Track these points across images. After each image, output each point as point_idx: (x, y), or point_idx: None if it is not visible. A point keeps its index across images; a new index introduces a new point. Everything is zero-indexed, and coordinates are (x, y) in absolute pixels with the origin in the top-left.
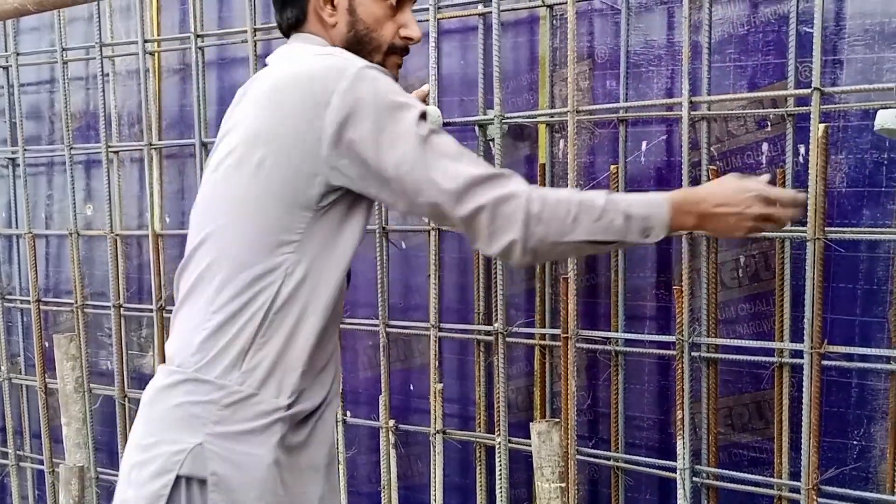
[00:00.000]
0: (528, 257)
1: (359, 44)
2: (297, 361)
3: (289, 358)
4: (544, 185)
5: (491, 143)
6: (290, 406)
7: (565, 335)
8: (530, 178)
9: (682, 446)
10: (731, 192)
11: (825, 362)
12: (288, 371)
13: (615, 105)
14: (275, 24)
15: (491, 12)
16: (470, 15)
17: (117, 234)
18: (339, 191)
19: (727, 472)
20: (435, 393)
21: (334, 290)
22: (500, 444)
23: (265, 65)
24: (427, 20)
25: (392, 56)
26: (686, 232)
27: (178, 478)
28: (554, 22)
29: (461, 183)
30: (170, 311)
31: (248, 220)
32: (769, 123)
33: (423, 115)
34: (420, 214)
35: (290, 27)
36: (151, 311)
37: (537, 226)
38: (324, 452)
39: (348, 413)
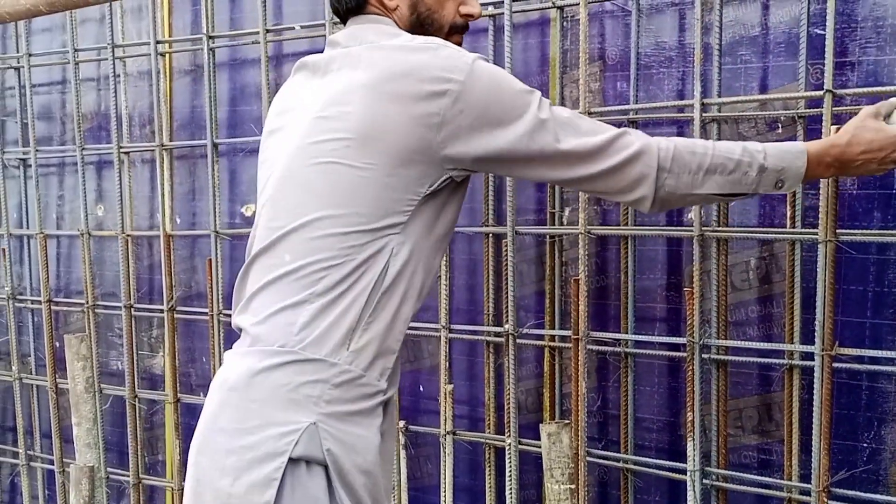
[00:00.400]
0: (657, 207)
1: (421, 26)
2: (395, 344)
3: (389, 340)
4: (553, 187)
5: None
6: (386, 390)
7: (575, 336)
8: None
9: (692, 448)
10: (875, 139)
11: (836, 364)
12: (388, 354)
13: (626, 107)
14: (286, 26)
15: (502, 13)
16: (481, 16)
17: (128, 235)
18: (448, 178)
19: (737, 473)
20: (445, 394)
21: (430, 275)
22: (509, 445)
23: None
24: None
25: (454, 36)
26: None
27: (289, 460)
28: (564, 24)
29: (589, 150)
30: (180, 312)
31: (357, 209)
32: (780, 125)
33: (541, 98)
34: (553, 182)
35: (349, 11)
36: (162, 311)
37: (667, 179)
38: (393, 446)
39: None
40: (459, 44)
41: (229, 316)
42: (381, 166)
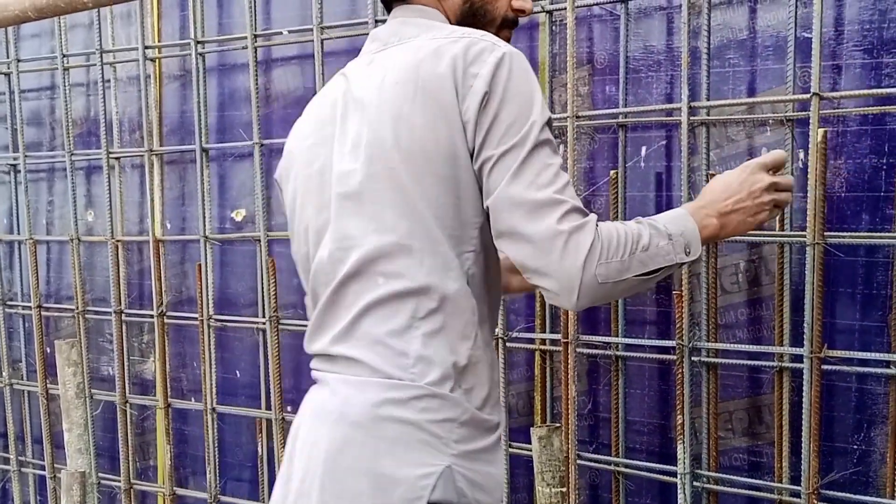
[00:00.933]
0: (585, 300)
1: (473, 16)
2: (496, 374)
3: (493, 371)
4: None
5: None
6: (499, 423)
7: (566, 340)
8: None
9: (682, 451)
10: (731, 177)
11: (825, 367)
12: (495, 385)
13: (615, 110)
14: (275, 31)
15: None
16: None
17: (118, 240)
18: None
19: (727, 476)
20: None
21: (498, 295)
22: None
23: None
24: None
25: (504, 30)
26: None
27: None
28: (553, 28)
29: (544, 200)
30: (170, 317)
31: (423, 227)
32: (768, 128)
33: (549, 122)
34: (493, 221)
35: None
36: (152, 316)
37: (599, 268)
38: None
39: None
40: (508, 39)
41: (220, 320)
42: (427, 178)
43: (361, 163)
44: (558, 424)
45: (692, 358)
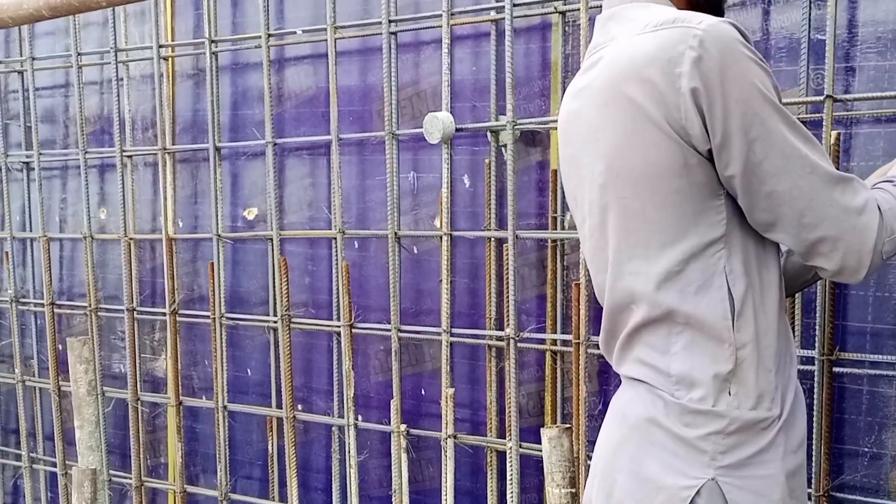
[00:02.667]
0: (867, 277)
1: None
2: (769, 362)
3: (765, 365)
4: (555, 191)
5: (503, 148)
6: (780, 414)
7: (576, 341)
8: (541, 185)
9: None
10: None
11: (836, 369)
12: (768, 379)
13: None
14: (288, 30)
15: (503, 18)
16: (482, 21)
17: (131, 238)
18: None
19: None
20: (446, 398)
21: (776, 269)
22: (511, 449)
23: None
24: (440, 26)
25: None
26: None
27: None
28: (566, 28)
29: (824, 183)
30: (182, 315)
31: (667, 244)
32: None
33: (775, 89)
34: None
35: None
36: (164, 314)
37: (885, 245)
38: (803, 458)
39: (359, 417)
40: None
41: (231, 319)
42: (658, 198)
43: (597, 193)
44: (569, 425)
45: None
